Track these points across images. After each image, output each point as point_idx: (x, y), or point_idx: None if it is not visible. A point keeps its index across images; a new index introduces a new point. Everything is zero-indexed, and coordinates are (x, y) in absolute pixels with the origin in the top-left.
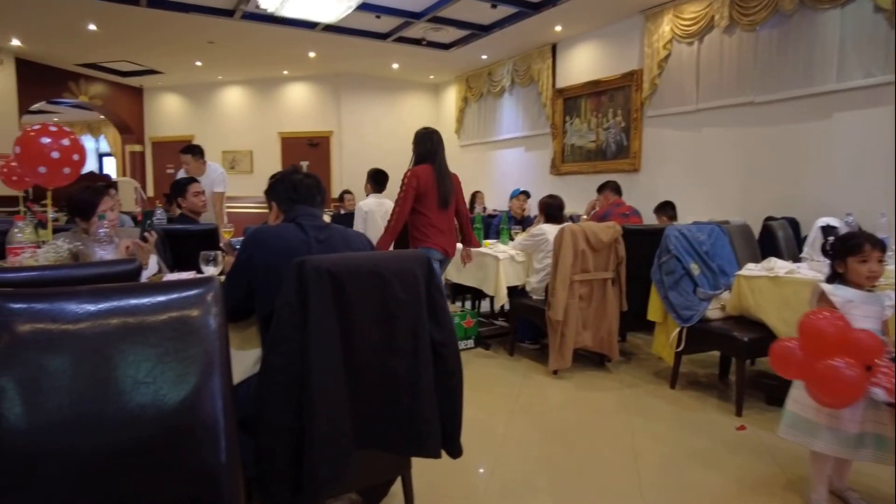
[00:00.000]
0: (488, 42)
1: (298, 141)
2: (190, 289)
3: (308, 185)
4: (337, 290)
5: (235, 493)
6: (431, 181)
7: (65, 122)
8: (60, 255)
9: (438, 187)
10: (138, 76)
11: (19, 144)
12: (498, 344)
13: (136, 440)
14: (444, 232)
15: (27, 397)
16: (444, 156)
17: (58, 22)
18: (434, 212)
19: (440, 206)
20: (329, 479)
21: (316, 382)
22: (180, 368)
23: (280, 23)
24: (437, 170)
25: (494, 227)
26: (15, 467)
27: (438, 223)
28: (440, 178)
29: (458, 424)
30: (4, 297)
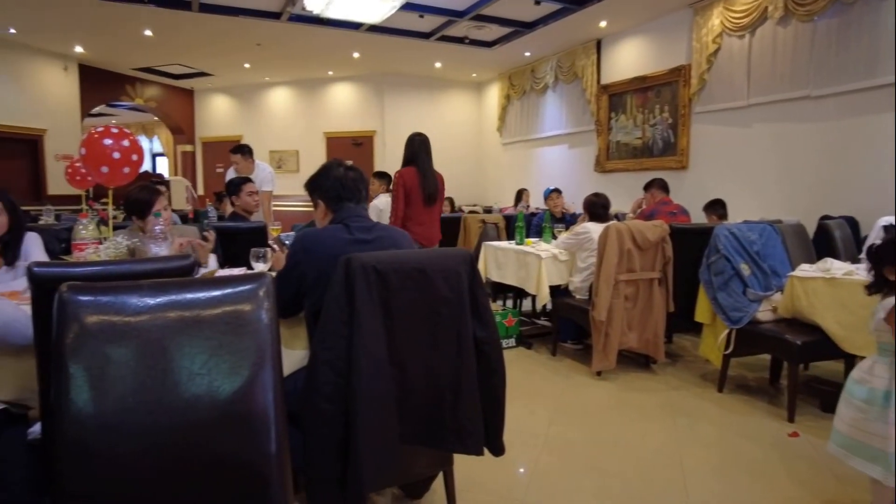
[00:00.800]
0: (532, 39)
1: (343, 140)
2: (243, 284)
3: (353, 180)
4: (382, 287)
5: (284, 483)
6: (415, 181)
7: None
8: (120, 251)
9: (422, 186)
10: (189, 79)
11: (84, 146)
12: (540, 343)
13: (192, 428)
14: (423, 224)
15: (94, 384)
16: (427, 158)
17: (117, 29)
18: (419, 207)
19: (426, 203)
20: (374, 473)
21: (362, 377)
22: (233, 361)
23: (325, 24)
24: (420, 171)
25: (536, 225)
26: (82, 449)
27: (422, 217)
28: (423, 177)
29: (501, 422)
30: (74, 290)
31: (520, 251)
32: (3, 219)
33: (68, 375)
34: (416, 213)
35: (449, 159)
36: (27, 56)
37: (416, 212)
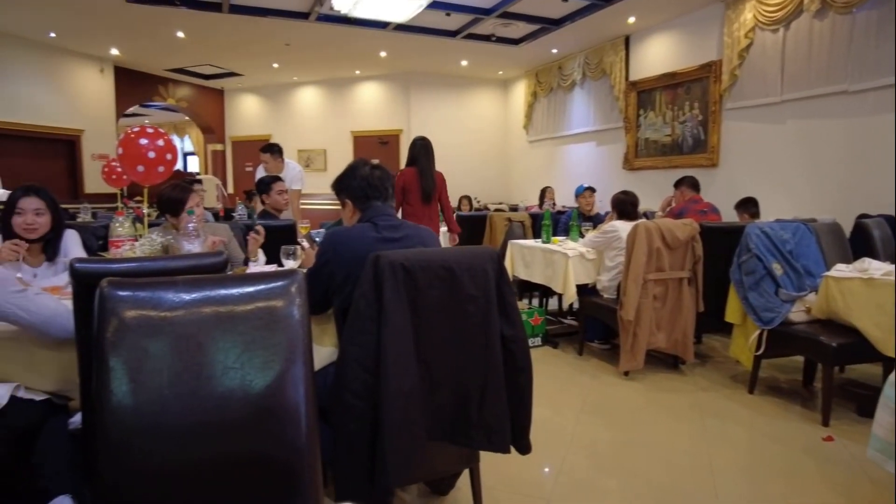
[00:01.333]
0: (559, 36)
1: (369, 139)
2: (275, 281)
3: (380, 178)
4: (410, 285)
5: (315, 475)
6: (414, 180)
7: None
8: (154, 247)
9: (420, 185)
10: (220, 79)
11: (121, 145)
12: (566, 343)
13: (225, 420)
14: (420, 219)
15: (132, 376)
16: (426, 160)
17: (151, 31)
18: (418, 204)
19: (423, 201)
20: (401, 468)
21: (390, 373)
22: (266, 356)
23: (353, 23)
24: (420, 171)
25: (563, 223)
26: (121, 439)
27: (418, 213)
28: (421, 177)
29: (528, 421)
30: (114, 286)
31: (546, 249)
32: (46, 218)
33: (108, 368)
34: (414, 210)
35: (474, 157)
36: (66, 59)
37: (415, 208)
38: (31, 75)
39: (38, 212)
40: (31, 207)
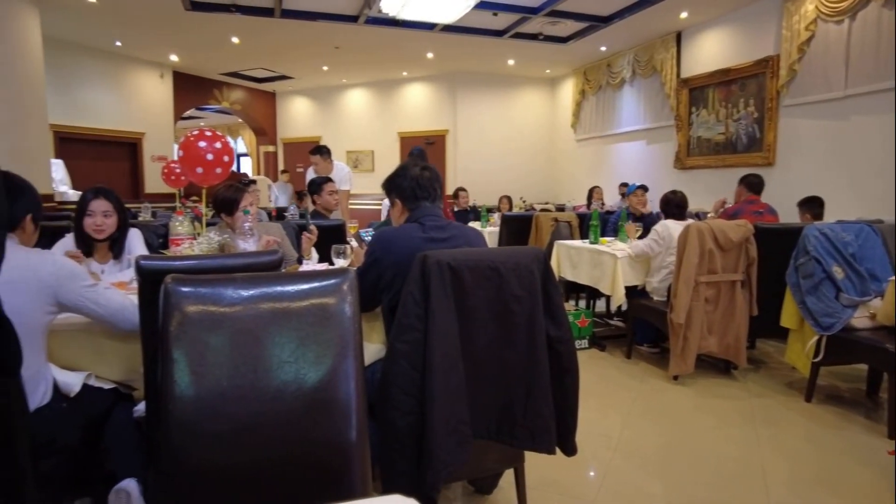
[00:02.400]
0: (608, 33)
1: (416, 140)
2: (328, 278)
3: (429, 179)
4: (456, 284)
5: (364, 468)
6: None
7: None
8: (212, 246)
9: None
10: (272, 82)
11: (182, 148)
12: (614, 345)
13: (280, 412)
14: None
15: (193, 368)
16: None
17: (207, 37)
18: None
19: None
20: (447, 465)
21: (436, 370)
22: (319, 350)
23: (400, 26)
24: None
25: (612, 223)
26: (182, 428)
27: None
28: None
29: (574, 422)
30: (177, 282)
31: (594, 250)
32: (113, 219)
33: (171, 359)
34: None
35: (520, 157)
36: (129, 66)
37: None
38: (98, 82)
39: (106, 214)
40: (99, 210)
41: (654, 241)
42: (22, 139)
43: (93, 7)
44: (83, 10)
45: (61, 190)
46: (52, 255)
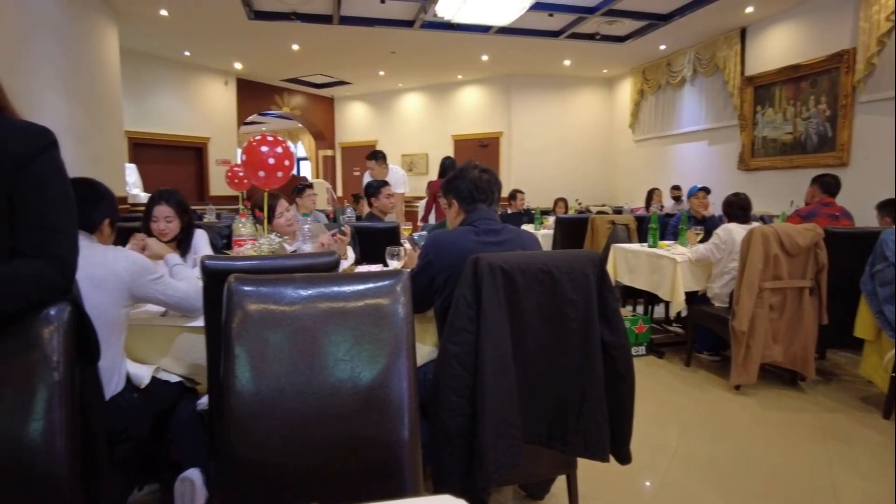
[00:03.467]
0: (667, 31)
1: (470, 142)
2: (382, 280)
3: (487, 181)
4: (509, 287)
5: (415, 466)
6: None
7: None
8: (273, 247)
9: None
10: (330, 87)
11: (245, 152)
12: (672, 353)
13: (335, 409)
14: None
15: (254, 364)
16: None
17: (269, 45)
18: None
19: None
20: (498, 468)
21: (487, 372)
22: (373, 350)
23: (456, 29)
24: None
25: (672, 227)
26: (243, 419)
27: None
28: None
29: (628, 431)
30: (240, 281)
31: (652, 254)
32: (175, 223)
33: (234, 355)
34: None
35: (576, 158)
36: (196, 74)
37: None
38: (168, 90)
39: (167, 219)
40: (162, 215)
41: (715, 245)
42: (100, 145)
43: (165, 20)
44: (156, 23)
45: (133, 192)
46: (126, 251)
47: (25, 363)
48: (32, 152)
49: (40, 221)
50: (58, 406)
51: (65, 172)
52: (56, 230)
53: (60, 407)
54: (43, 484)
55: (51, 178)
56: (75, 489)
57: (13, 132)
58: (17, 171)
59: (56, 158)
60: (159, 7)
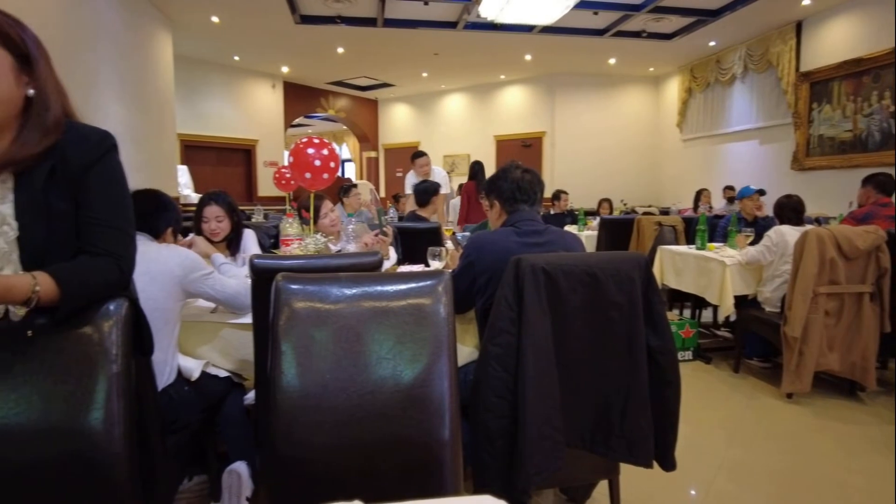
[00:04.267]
0: (717, 27)
1: (512, 143)
2: (424, 280)
3: (530, 182)
4: (551, 288)
5: (456, 466)
6: (473, 191)
7: (315, 133)
8: (318, 246)
9: (478, 194)
10: (374, 90)
11: (292, 154)
12: (720, 358)
13: (378, 406)
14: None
15: (300, 360)
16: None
17: (315, 48)
18: (476, 206)
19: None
20: (539, 471)
21: (529, 375)
22: (415, 349)
23: (499, 29)
24: (478, 183)
25: (721, 229)
26: (289, 414)
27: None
28: (479, 187)
29: (673, 437)
30: (287, 280)
31: (701, 257)
32: (225, 223)
33: (280, 352)
34: (476, 210)
35: (622, 158)
36: (245, 78)
37: (476, 209)
38: (218, 94)
39: (218, 219)
40: (213, 216)
41: (766, 247)
42: (155, 148)
43: (216, 26)
44: (208, 30)
45: (185, 193)
46: (179, 249)
47: (87, 355)
48: (96, 156)
49: (102, 221)
50: (116, 396)
51: (123, 174)
52: (116, 229)
53: (118, 397)
54: (103, 470)
55: (111, 181)
56: (133, 475)
57: (79, 138)
58: (82, 174)
59: (116, 161)
60: (211, 14)
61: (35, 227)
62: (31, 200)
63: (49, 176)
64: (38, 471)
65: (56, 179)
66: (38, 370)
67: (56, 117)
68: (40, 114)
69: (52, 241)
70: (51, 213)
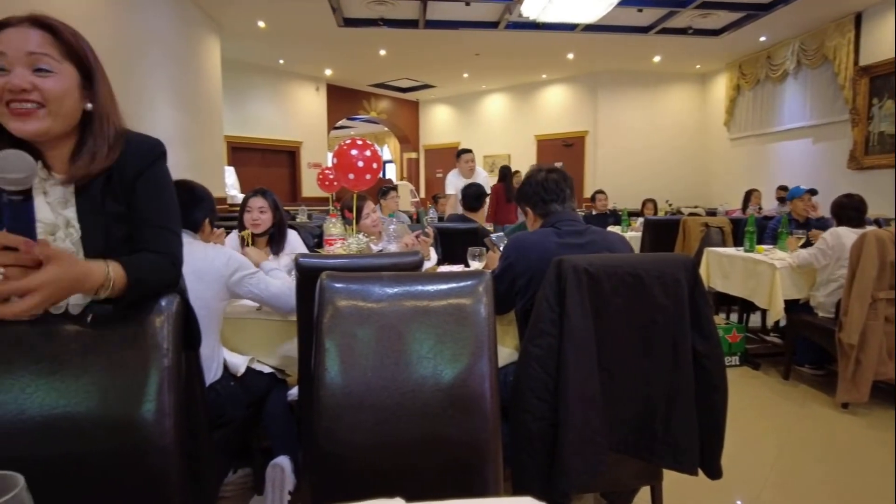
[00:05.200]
0: (768, 21)
1: (553, 142)
2: (465, 280)
3: (555, 181)
4: (594, 290)
5: (496, 467)
6: (502, 192)
7: (358, 134)
8: (360, 246)
9: (507, 195)
10: (415, 91)
11: (336, 156)
12: (769, 364)
13: (418, 405)
14: (509, 212)
15: (343, 358)
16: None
17: (358, 51)
18: (504, 206)
19: (507, 202)
20: (580, 475)
21: (570, 377)
22: (455, 349)
23: (541, 28)
24: (506, 186)
25: (772, 229)
26: (331, 411)
27: (508, 215)
28: (507, 190)
29: (719, 444)
30: (331, 278)
31: (749, 259)
32: (268, 216)
33: (324, 349)
34: (503, 210)
35: (666, 158)
36: (290, 81)
37: (504, 209)
38: (263, 97)
39: (261, 209)
40: (256, 206)
41: (820, 250)
42: (203, 150)
43: (262, 31)
44: (254, 34)
45: (232, 193)
46: (225, 249)
47: (140, 349)
48: (148, 163)
49: (154, 222)
50: (167, 389)
51: (171, 179)
52: (166, 229)
53: (169, 390)
54: (154, 460)
55: (161, 185)
56: (181, 466)
57: (134, 146)
58: (135, 179)
59: (165, 167)
60: (257, 19)
61: (95, 229)
62: (91, 205)
63: (105, 182)
64: (95, 458)
65: (112, 185)
66: (95, 363)
67: (117, 130)
68: (103, 127)
69: (110, 242)
70: (108, 216)
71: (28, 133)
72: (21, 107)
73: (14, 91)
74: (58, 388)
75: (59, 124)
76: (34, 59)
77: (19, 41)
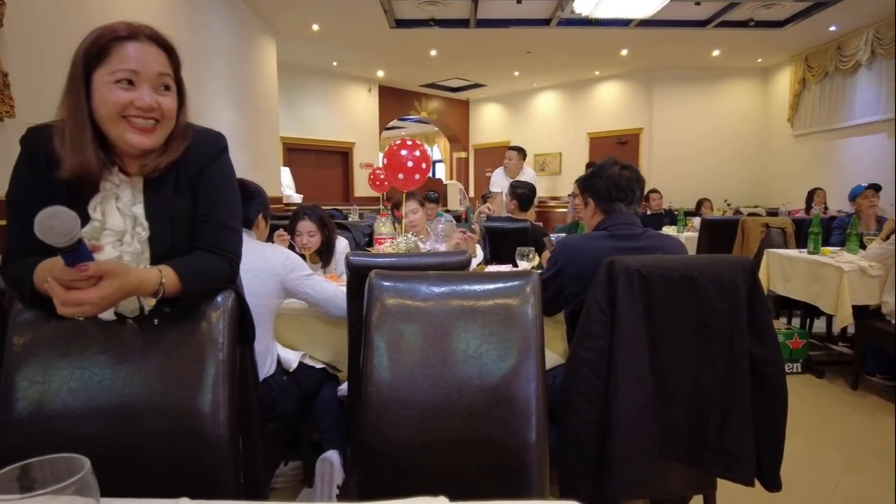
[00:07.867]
0: (839, 10)
1: (606, 140)
2: (513, 280)
3: (628, 179)
4: (646, 292)
5: (542, 469)
6: None
7: (409, 135)
8: (409, 245)
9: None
10: (465, 91)
11: (386, 156)
12: (835, 372)
13: (464, 404)
14: None
15: (390, 354)
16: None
17: (409, 52)
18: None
19: None
20: (629, 481)
21: (621, 381)
22: (502, 349)
23: (594, 24)
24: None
25: (839, 230)
26: (378, 407)
27: None
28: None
29: (779, 455)
30: (380, 277)
31: (813, 261)
32: (317, 238)
33: (373, 346)
34: None
35: (724, 155)
36: (343, 83)
37: None
38: (317, 98)
39: (310, 233)
40: (305, 230)
41: (880, 245)
42: (260, 151)
43: (316, 34)
44: (309, 37)
45: (287, 193)
46: (281, 249)
47: (198, 342)
48: (212, 156)
49: (215, 220)
50: (222, 381)
51: (234, 174)
52: (226, 227)
53: (224, 382)
54: (209, 449)
55: (224, 179)
56: (236, 456)
57: (199, 139)
58: (199, 174)
59: (228, 161)
60: (312, 22)
61: (163, 228)
62: (160, 203)
63: (175, 178)
64: (154, 445)
65: (180, 181)
66: (155, 356)
67: (183, 123)
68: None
69: (176, 240)
70: (175, 214)
71: (147, 147)
72: (145, 124)
73: (142, 109)
74: (122, 378)
75: (165, 136)
76: (161, 79)
77: (151, 61)
